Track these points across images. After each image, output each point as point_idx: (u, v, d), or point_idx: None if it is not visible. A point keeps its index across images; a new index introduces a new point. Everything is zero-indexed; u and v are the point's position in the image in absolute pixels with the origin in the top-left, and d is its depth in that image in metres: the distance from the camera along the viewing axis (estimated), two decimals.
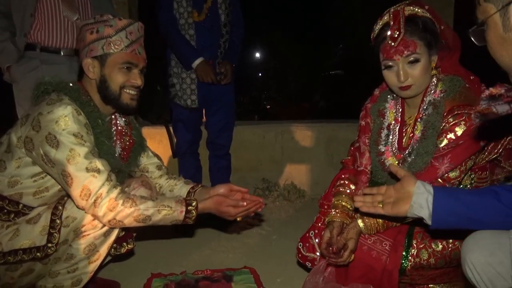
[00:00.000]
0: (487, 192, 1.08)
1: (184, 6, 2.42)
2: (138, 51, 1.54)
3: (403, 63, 1.40)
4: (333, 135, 3.17)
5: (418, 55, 1.39)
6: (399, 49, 1.39)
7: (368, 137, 1.61)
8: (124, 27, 1.50)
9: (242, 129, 3.14)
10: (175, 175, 1.84)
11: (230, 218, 1.56)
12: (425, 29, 1.38)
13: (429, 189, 1.11)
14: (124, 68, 1.50)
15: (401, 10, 1.40)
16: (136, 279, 1.89)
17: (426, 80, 1.44)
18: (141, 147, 1.76)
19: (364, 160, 1.59)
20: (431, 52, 1.41)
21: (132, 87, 1.53)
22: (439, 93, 1.43)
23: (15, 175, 1.42)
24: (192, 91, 2.50)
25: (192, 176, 2.64)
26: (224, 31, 2.51)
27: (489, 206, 1.05)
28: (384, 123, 1.58)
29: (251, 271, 1.95)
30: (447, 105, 1.39)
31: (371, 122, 1.62)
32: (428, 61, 1.41)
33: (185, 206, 1.47)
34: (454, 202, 1.08)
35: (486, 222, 1.07)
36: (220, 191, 1.64)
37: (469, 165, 1.37)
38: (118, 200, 1.38)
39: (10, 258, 1.38)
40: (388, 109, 1.58)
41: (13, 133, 1.42)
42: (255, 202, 1.56)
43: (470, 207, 1.06)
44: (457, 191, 1.16)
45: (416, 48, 1.38)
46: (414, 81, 1.41)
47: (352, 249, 1.41)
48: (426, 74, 1.42)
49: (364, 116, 1.65)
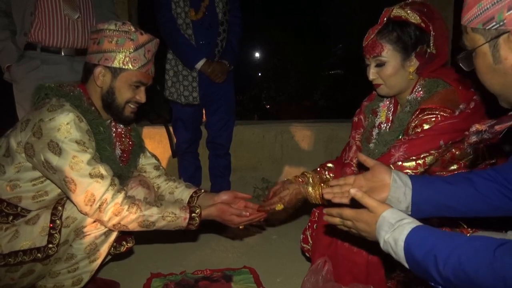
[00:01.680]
0: (461, 180, 1.07)
1: (182, 6, 2.42)
2: (151, 71, 1.56)
3: (372, 62, 1.45)
4: (333, 135, 3.17)
5: (384, 58, 1.41)
6: (368, 49, 1.44)
7: (359, 132, 1.64)
8: (144, 43, 1.50)
9: (242, 128, 3.14)
10: (174, 176, 1.85)
11: (232, 226, 1.60)
12: (399, 35, 1.38)
13: (406, 181, 1.07)
14: (134, 85, 1.51)
15: (390, 10, 1.42)
16: (136, 279, 1.89)
17: (400, 82, 1.44)
18: (141, 148, 1.76)
19: (351, 154, 1.61)
20: (405, 56, 1.40)
21: (135, 102, 1.56)
22: (421, 94, 1.43)
23: (14, 179, 1.41)
24: (194, 88, 2.50)
25: (191, 176, 2.65)
26: (221, 29, 2.51)
27: (467, 194, 1.05)
28: (376, 121, 1.60)
29: (250, 271, 1.96)
30: (422, 105, 1.39)
31: (364, 119, 1.65)
32: (399, 65, 1.41)
33: (189, 213, 1.49)
34: (432, 193, 1.06)
35: (464, 211, 1.07)
36: (224, 198, 1.66)
37: (429, 160, 1.34)
38: (124, 205, 1.39)
39: (10, 259, 1.38)
40: (381, 108, 1.60)
41: (12, 138, 1.41)
42: (258, 213, 1.60)
43: (448, 196, 1.06)
44: (433, 180, 1.11)
45: (382, 51, 1.40)
46: (383, 81, 1.45)
47: (282, 196, 1.54)
48: (395, 76, 1.42)
49: (358, 113, 1.69)
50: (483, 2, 0.83)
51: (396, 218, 0.92)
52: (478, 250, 0.79)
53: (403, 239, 0.87)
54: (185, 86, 2.51)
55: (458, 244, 0.82)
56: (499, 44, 0.83)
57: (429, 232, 0.87)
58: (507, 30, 0.81)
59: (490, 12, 0.82)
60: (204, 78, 2.49)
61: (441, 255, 0.82)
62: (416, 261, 0.85)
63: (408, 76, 1.43)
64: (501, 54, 0.84)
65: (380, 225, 0.93)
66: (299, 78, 10.48)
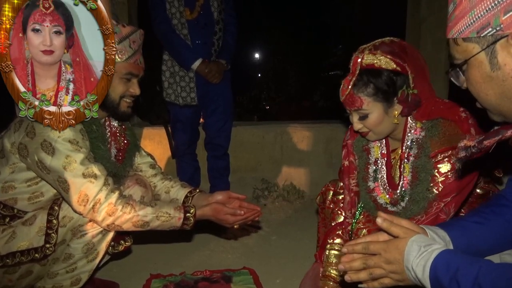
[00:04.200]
0: (490, 216, 1.04)
1: (176, 6, 2.42)
2: (139, 61, 1.55)
3: (354, 115, 1.40)
4: (332, 136, 3.17)
5: (366, 111, 1.36)
6: (348, 103, 1.38)
7: (353, 177, 1.56)
8: (128, 35, 1.50)
9: (241, 129, 3.14)
10: (170, 175, 1.85)
11: (227, 225, 1.60)
12: (376, 86, 1.32)
13: (444, 235, 1.01)
14: (125, 78, 1.51)
15: (361, 58, 1.34)
16: (135, 280, 1.89)
17: (387, 127, 1.39)
18: (136, 147, 1.76)
19: (345, 205, 1.55)
20: (388, 104, 1.35)
21: (130, 96, 1.55)
22: (419, 131, 1.39)
23: (9, 180, 1.41)
24: (192, 89, 2.50)
25: (190, 177, 2.65)
26: (217, 28, 2.51)
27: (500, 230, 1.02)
28: (370, 158, 1.54)
29: (250, 272, 1.95)
30: (433, 146, 1.35)
31: (355, 160, 1.58)
32: (382, 114, 1.36)
33: (184, 213, 1.49)
34: (469, 241, 1.01)
35: (502, 248, 1.04)
36: (218, 198, 1.65)
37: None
38: (118, 205, 1.39)
39: (8, 260, 1.37)
40: (373, 145, 1.54)
41: (6, 139, 1.41)
42: (253, 212, 1.60)
43: (482, 239, 1.03)
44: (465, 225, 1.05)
45: (362, 105, 1.34)
46: (370, 129, 1.40)
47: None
48: (382, 123, 1.38)
49: (347, 154, 1.59)
50: (475, 10, 0.81)
51: (426, 242, 0.90)
52: (498, 277, 0.79)
53: (430, 264, 0.86)
54: (182, 87, 2.51)
55: (479, 271, 0.81)
56: (496, 51, 0.81)
57: (454, 256, 0.86)
58: (505, 35, 0.79)
59: (485, 18, 0.80)
60: (201, 78, 2.49)
61: (464, 282, 0.81)
62: (441, 285, 0.85)
63: (393, 120, 1.38)
64: (499, 60, 0.82)
65: (408, 250, 0.90)
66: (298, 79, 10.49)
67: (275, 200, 3.02)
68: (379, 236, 0.99)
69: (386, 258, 0.93)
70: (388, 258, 0.93)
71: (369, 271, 0.95)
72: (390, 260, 0.93)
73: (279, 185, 3.13)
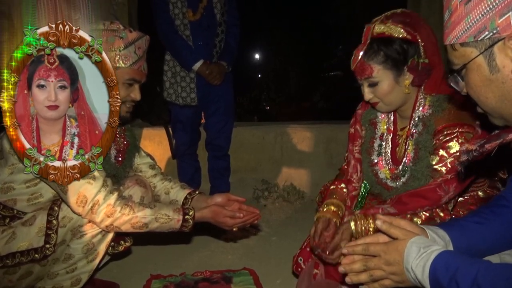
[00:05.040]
0: (490, 216, 1.04)
1: (179, 7, 2.42)
2: (143, 67, 1.56)
3: (364, 83, 1.41)
4: (333, 136, 3.17)
5: (376, 79, 1.36)
6: (358, 72, 1.39)
7: (356, 144, 1.58)
8: (134, 41, 1.50)
9: (241, 130, 3.14)
10: (170, 175, 1.85)
11: (226, 228, 1.60)
12: (386, 54, 1.33)
13: (444, 235, 1.00)
14: (127, 83, 1.51)
15: (372, 27, 1.36)
16: (135, 280, 1.89)
17: (397, 98, 1.39)
18: (135, 148, 1.76)
19: (350, 169, 1.57)
20: (397, 73, 1.35)
21: (131, 101, 1.56)
22: (427, 109, 1.39)
23: (8, 181, 1.41)
24: (192, 89, 2.50)
25: (191, 177, 2.65)
26: (219, 30, 2.51)
27: (500, 230, 1.01)
28: (376, 132, 1.55)
29: (250, 273, 1.95)
30: (437, 123, 1.35)
31: (361, 130, 1.59)
32: (392, 82, 1.36)
33: (182, 215, 1.50)
34: (469, 242, 1.01)
35: (503, 248, 1.03)
36: (218, 200, 1.65)
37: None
38: (116, 206, 1.39)
39: (8, 261, 1.37)
40: (380, 119, 1.55)
41: (5, 139, 1.40)
42: (252, 215, 1.59)
43: (483, 239, 1.02)
44: (465, 225, 1.04)
45: (372, 72, 1.35)
46: (380, 99, 1.41)
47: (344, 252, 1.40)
48: (392, 93, 1.38)
49: (354, 123, 1.62)
50: (471, 15, 0.82)
51: (425, 243, 0.91)
52: (497, 277, 0.79)
53: (429, 264, 0.86)
54: (183, 87, 2.51)
55: (478, 271, 0.81)
56: (494, 53, 0.82)
57: (453, 257, 0.86)
58: (502, 37, 0.80)
59: (481, 22, 0.81)
60: (202, 79, 2.49)
61: (463, 282, 0.81)
62: (441, 285, 0.85)
63: (405, 90, 1.38)
64: (497, 63, 0.83)
65: (408, 251, 0.91)
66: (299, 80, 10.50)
67: (275, 200, 3.01)
68: (378, 237, 1.00)
69: (386, 259, 0.94)
70: (388, 260, 0.93)
71: (370, 273, 0.96)
72: (390, 261, 0.93)
73: (279, 186, 3.13)
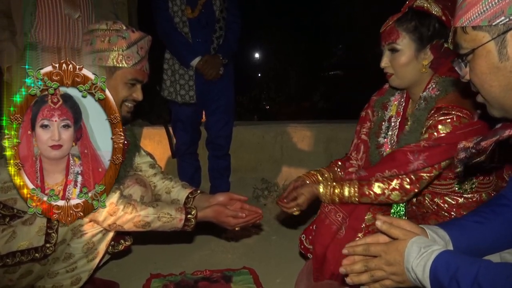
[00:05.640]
0: (490, 216, 1.03)
1: (178, 5, 2.42)
2: (145, 67, 1.55)
3: (386, 50, 1.44)
4: (333, 135, 3.17)
5: (398, 46, 1.40)
6: (385, 35, 1.43)
7: (365, 127, 1.64)
8: (136, 41, 1.50)
9: (241, 129, 3.14)
10: (170, 175, 1.85)
11: (229, 227, 1.60)
12: (417, 25, 1.37)
13: (443, 234, 0.99)
14: (129, 84, 1.51)
15: (414, 0, 1.41)
16: (135, 279, 1.89)
17: (411, 74, 1.42)
18: (136, 147, 1.76)
19: (352, 147, 1.64)
20: (420, 47, 1.39)
21: (132, 100, 1.56)
22: (435, 91, 1.41)
23: (8, 181, 1.40)
24: (190, 87, 2.50)
25: (191, 177, 2.65)
26: (217, 27, 2.50)
27: (501, 229, 1.01)
28: (386, 115, 1.58)
29: (250, 272, 1.95)
30: (438, 102, 1.37)
31: (372, 114, 1.64)
32: (412, 55, 1.40)
33: (185, 215, 1.50)
34: (469, 241, 1.00)
35: (504, 247, 1.03)
36: (220, 199, 1.66)
37: (444, 164, 1.34)
38: (119, 205, 1.40)
39: (8, 260, 1.37)
40: (392, 102, 1.59)
41: None
42: (255, 214, 1.60)
43: (483, 239, 1.02)
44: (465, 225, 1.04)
45: (397, 39, 1.39)
46: (394, 71, 1.44)
47: (299, 203, 1.50)
48: (408, 67, 1.41)
49: (366, 107, 1.68)
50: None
51: (426, 243, 0.90)
52: (497, 276, 0.79)
53: (430, 264, 0.86)
54: (181, 85, 2.51)
55: (478, 271, 0.81)
56: (507, 40, 0.80)
57: (454, 256, 0.86)
58: None
59: (499, 6, 0.79)
60: (201, 77, 2.49)
61: (464, 282, 0.81)
62: (441, 285, 0.84)
63: (421, 69, 1.41)
64: (508, 50, 0.81)
65: (408, 251, 0.90)
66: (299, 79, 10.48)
67: (275, 200, 3.02)
68: (378, 237, 0.99)
69: (386, 259, 0.93)
70: (388, 260, 0.93)
71: (370, 273, 0.95)
72: (391, 261, 0.93)
73: (279, 185, 3.13)
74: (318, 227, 1.51)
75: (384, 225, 0.95)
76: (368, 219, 1.44)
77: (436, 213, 1.44)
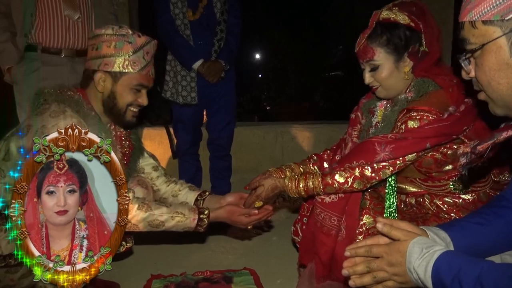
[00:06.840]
0: (491, 217, 1.03)
1: (180, 7, 2.43)
2: (151, 72, 1.55)
3: (366, 67, 1.45)
4: (333, 136, 3.17)
5: (376, 62, 1.41)
6: (360, 54, 1.45)
7: (355, 129, 1.64)
8: (142, 46, 1.50)
9: (242, 130, 3.14)
10: (174, 177, 1.85)
11: (242, 226, 1.61)
12: (388, 38, 1.38)
13: (445, 236, 0.99)
14: (135, 89, 1.51)
15: (379, 13, 1.41)
16: (136, 280, 1.89)
17: (396, 83, 1.43)
18: (140, 150, 1.77)
19: (347, 150, 1.63)
20: (397, 58, 1.40)
21: (137, 105, 1.56)
22: (411, 93, 1.43)
23: None
24: (192, 88, 2.51)
25: (192, 177, 2.65)
26: (218, 29, 2.51)
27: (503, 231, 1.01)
28: (373, 121, 1.59)
29: (251, 272, 1.95)
30: (409, 105, 1.38)
31: (361, 117, 1.65)
32: (392, 67, 1.41)
33: (198, 214, 1.50)
34: (470, 242, 1.00)
35: (504, 248, 1.03)
36: (230, 199, 1.67)
37: (409, 158, 1.35)
38: (134, 204, 1.41)
39: (11, 260, 1.37)
40: (378, 108, 1.59)
41: (12, 143, 1.40)
42: (266, 211, 1.61)
43: (484, 240, 1.02)
44: (466, 226, 1.03)
45: (374, 55, 1.40)
46: (380, 83, 1.45)
47: (257, 193, 1.55)
48: (391, 78, 1.42)
49: (356, 110, 1.69)
50: None
51: (427, 244, 0.90)
52: (500, 277, 0.79)
53: (432, 265, 0.86)
54: (183, 86, 2.52)
55: (481, 271, 0.81)
56: None
57: (456, 256, 0.86)
58: None
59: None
60: (202, 78, 2.49)
61: (466, 282, 0.81)
62: (443, 285, 0.84)
63: (404, 77, 1.42)
64: None
65: (410, 252, 0.90)
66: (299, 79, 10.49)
67: (275, 200, 3.01)
68: (379, 239, 0.99)
69: (388, 260, 0.93)
70: (390, 261, 0.93)
71: (373, 274, 0.95)
72: (393, 262, 0.93)
73: None
74: (316, 236, 1.50)
75: (385, 227, 0.95)
76: (368, 222, 1.44)
77: (436, 214, 1.44)
